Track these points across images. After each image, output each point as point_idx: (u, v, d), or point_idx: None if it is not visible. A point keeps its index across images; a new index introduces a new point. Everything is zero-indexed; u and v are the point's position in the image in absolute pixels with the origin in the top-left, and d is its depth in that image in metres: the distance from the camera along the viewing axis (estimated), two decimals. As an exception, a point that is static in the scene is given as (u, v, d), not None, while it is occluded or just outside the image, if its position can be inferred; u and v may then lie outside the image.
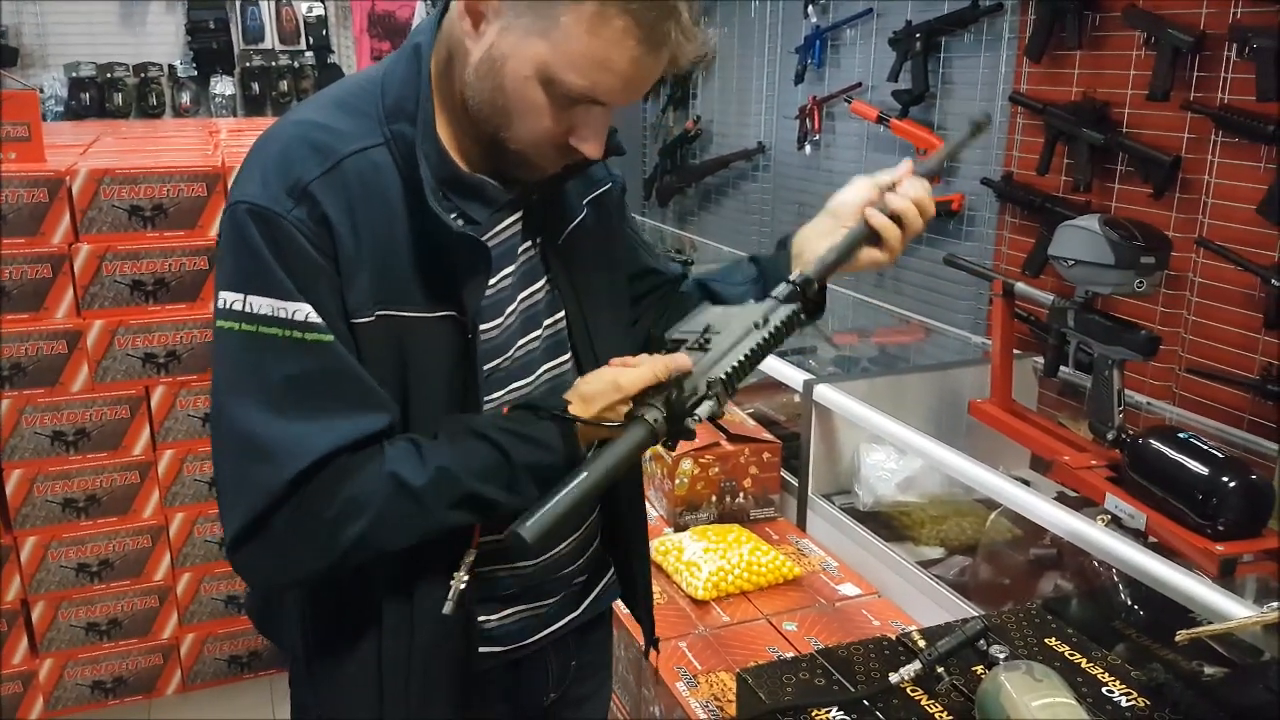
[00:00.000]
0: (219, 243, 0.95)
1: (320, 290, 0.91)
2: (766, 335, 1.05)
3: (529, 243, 1.10)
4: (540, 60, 0.92)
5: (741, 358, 1.02)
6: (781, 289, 1.09)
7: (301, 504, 0.90)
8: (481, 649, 1.11)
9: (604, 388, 0.99)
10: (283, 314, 0.89)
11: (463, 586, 1.00)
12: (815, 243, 1.18)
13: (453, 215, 1.00)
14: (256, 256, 0.89)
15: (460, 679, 1.06)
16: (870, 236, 1.14)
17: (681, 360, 1.00)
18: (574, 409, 0.98)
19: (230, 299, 0.90)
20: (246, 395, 0.89)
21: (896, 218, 1.13)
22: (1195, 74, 2.20)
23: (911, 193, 1.14)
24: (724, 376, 1.00)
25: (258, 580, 0.95)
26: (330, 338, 0.90)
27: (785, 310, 1.08)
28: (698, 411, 0.98)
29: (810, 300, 1.10)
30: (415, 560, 1.01)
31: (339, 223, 0.92)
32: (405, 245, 0.95)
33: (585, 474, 0.92)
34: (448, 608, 0.99)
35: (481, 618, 1.11)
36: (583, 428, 0.98)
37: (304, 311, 0.89)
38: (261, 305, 0.89)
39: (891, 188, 1.15)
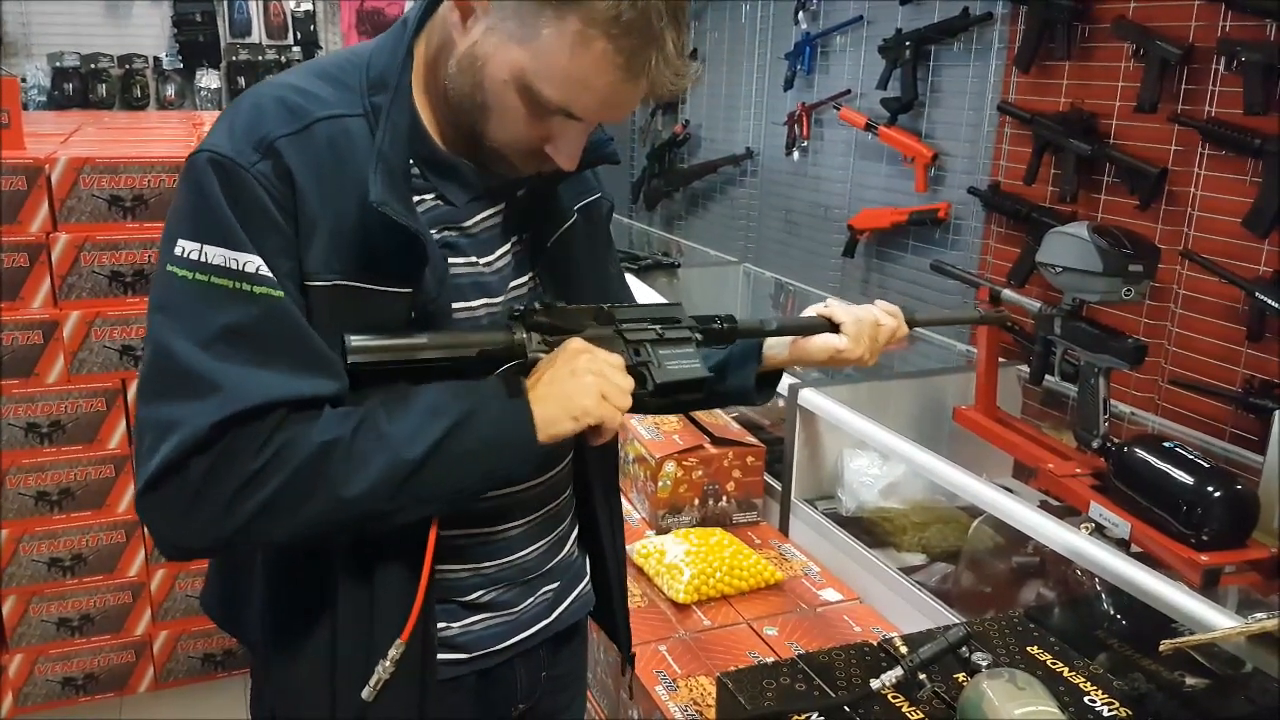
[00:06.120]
0: (177, 187, 0.94)
1: (272, 246, 0.90)
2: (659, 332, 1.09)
3: (514, 238, 1.09)
4: (518, 68, 0.92)
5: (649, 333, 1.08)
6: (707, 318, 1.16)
7: (225, 451, 0.86)
8: (444, 656, 1.09)
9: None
10: (234, 265, 0.88)
11: (386, 677, 0.99)
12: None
13: (429, 195, 1.01)
14: (213, 206, 0.89)
15: (419, 685, 1.03)
16: (827, 325, 1.24)
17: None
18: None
19: (188, 248, 0.89)
20: (190, 337, 0.87)
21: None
22: (1183, 86, 2.20)
23: (883, 307, 1.27)
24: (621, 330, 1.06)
25: (161, 534, 0.90)
26: (280, 294, 0.89)
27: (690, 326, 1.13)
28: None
29: (714, 334, 1.15)
30: (376, 553, 1.00)
31: (303, 181, 0.91)
32: (369, 217, 0.92)
33: (431, 335, 0.96)
34: (366, 693, 0.99)
35: (443, 624, 1.09)
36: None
37: (254, 264, 0.88)
38: (215, 255, 0.88)
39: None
